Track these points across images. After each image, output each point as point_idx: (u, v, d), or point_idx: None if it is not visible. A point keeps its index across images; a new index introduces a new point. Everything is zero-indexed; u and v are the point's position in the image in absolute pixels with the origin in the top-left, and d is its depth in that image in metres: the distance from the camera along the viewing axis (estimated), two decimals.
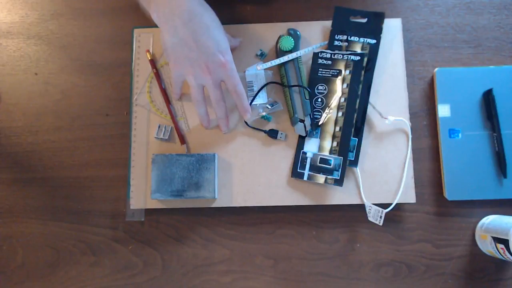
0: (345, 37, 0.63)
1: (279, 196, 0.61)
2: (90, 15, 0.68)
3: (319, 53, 0.62)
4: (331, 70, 0.62)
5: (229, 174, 0.62)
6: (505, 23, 0.65)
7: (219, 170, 0.62)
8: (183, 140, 0.62)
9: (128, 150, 0.63)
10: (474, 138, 0.61)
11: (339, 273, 0.60)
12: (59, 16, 0.68)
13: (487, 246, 0.57)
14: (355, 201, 0.60)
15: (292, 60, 0.62)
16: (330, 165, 0.60)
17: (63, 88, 0.66)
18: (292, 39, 0.62)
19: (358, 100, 0.61)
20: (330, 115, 0.61)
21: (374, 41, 0.62)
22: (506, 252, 0.53)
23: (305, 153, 0.61)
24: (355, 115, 0.61)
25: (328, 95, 0.62)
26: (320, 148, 0.61)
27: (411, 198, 0.60)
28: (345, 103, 0.61)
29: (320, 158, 0.61)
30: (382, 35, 0.63)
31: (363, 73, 0.61)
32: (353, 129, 0.60)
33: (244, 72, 0.63)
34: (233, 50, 0.61)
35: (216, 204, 0.61)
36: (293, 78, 0.62)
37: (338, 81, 0.62)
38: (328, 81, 0.62)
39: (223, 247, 0.61)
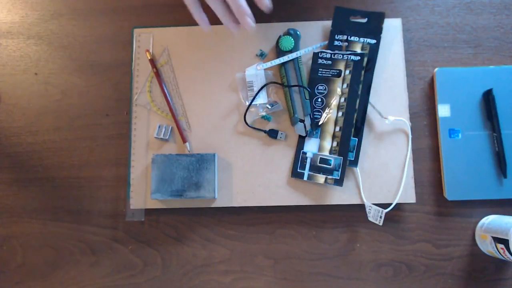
0: (345, 37, 0.63)
1: (279, 196, 0.61)
2: (90, 15, 0.68)
3: (319, 53, 0.62)
4: (331, 70, 0.62)
5: (229, 174, 0.62)
6: (505, 23, 0.65)
7: (219, 170, 0.62)
8: (185, 138, 0.62)
9: (128, 150, 0.63)
10: (474, 138, 0.61)
11: (339, 273, 0.60)
12: (59, 16, 0.68)
13: (487, 246, 0.57)
14: (355, 201, 0.60)
15: (292, 60, 0.62)
16: (330, 165, 0.60)
17: (63, 88, 0.66)
18: (292, 39, 0.62)
19: (358, 100, 0.61)
20: (330, 115, 0.61)
21: (374, 41, 0.62)
22: (506, 252, 0.53)
23: (305, 153, 0.61)
24: (355, 115, 0.61)
25: (328, 95, 0.62)
26: (320, 148, 0.61)
27: (411, 198, 0.60)
28: (345, 103, 0.61)
29: (320, 158, 0.61)
30: (382, 35, 0.63)
31: (363, 73, 0.61)
32: (353, 129, 0.60)
33: (244, 72, 0.63)
34: None
35: (216, 204, 0.61)
36: (293, 78, 0.62)
37: (338, 81, 0.62)
38: (328, 81, 0.62)
39: (223, 247, 0.61)
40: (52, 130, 0.65)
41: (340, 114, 0.61)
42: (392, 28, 0.64)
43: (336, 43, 0.63)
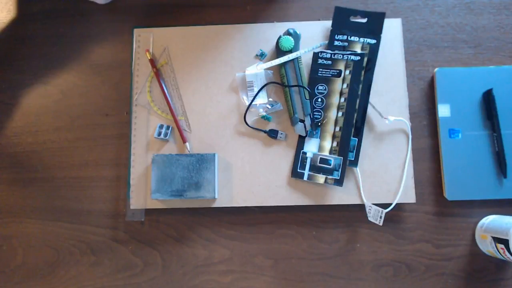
0: (345, 37, 0.63)
1: (279, 196, 0.61)
2: (90, 15, 0.68)
3: (319, 53, 0.62)
4: (331, 70, 0.62)
5: (229, 174, 0.62)
6: (505, 23, 0.65)
7: (219, 170, 0.62)
8: (185, 138, 0.62)
9: (128, 150, 0.63)
10: (474, 138, 0.61)
11: (339, 273, 0.60)
12: (59, 16, 0.68)
13: (487, 246, 0.57)
14: (355, 201, 0.60)
15: (292, 60, 0.62)
16: (330, 165, 0.60)
17: (63, 88, 0.66)
18: (292, 39, 0.62)
19: (358, 100, 0.61)
20: (330, 115, 0.61)
21: (374, 41, 0.62)
22: (506, 252, 0.53)
23: (305, 153, 0.61)
24: (355, 115, 0.61)
25: (328, 95, 0.62)
26: (320, 148, 0.61)
27: (411, 198, 0.60)
28: (345, 103, 0.61)
29: (320, 158, 0.61)
30: (382, 35, 0.63)
31: (363, 73, 0.61)
32: (353, 129, 0.60)
33: (244, 72, 0.63)
34: None
35: (216, 204, 0.61)
36: (293, 78, 0.62)
37: (338, 81, 0.62)
38: (328, 81, 0.62)
39: (223, 247, 0.61)
40: (52, 130, 0.65)
41: (340, 114, 0.61)
42: (392, 28, 0.64)
43: (336, 43, 0.63)
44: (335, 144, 0.61)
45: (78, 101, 0.66)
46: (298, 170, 0.61)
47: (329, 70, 0.62)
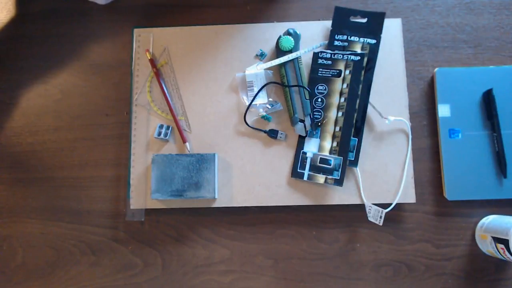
0: (345, 37, 0.63)
1: (279, 196, 0.61)
2: (90, 15, 0.68)
3: (319, 53, 0.62)
4: (331, 70, 0.62)
5: (229, 174, 0.62)
6: (505, 23, 0.65)
7: (219, 170, 0.62)
8: (185, 138, 0.62)
9: (128, 150, 0.63)
10: (474, 138, 0.61)
11: (339, 273, 0.60)
12: (59, 16, 0.68)
13: (487, 246, 0.57)
14: (355, 201, 0.60)
15: (292, 60, 0.62)
16: (330, 165, 0.60)
17: (63, 88, 0.66)
18: (292, 39, 0.62)
19: (358, 100, 0.61)
20: (330, 115, 0.61)
21: (374, 41, 0.62)
22: (506, 252, 0.53)
23: (305, 153, 0.61)
24: (355, 115, 0.61)
25: (328, 95, 0.62)
26: (320, 148, 0.61)
27: (411, 198, 0.60)
28: (345, 103, 0.61)
29: (320, 158, 0.61)
30: (382, 35, 0.63)
31: (363, 73, 0.61)
32: (353, 129, 0.60)
33: (244, 72, 0.63)
34: None
35: (216, 204, 0.61)
36: (293, 78, 0.62)
37: (338, 81, 0.62)
38: (328, 81, 0.62)
39: (223, 247, 0.61)
40: (52, 130, 0.65)
41: (340, 114, 0.61)
42: (392, 28, 0.64)
43: (336, 43, 0.63)
44: (335, 144, 0.61)
45: (78, 101, 0.66)
46: (298, 170, 0.61)
47: (329, 70, 0.62)
